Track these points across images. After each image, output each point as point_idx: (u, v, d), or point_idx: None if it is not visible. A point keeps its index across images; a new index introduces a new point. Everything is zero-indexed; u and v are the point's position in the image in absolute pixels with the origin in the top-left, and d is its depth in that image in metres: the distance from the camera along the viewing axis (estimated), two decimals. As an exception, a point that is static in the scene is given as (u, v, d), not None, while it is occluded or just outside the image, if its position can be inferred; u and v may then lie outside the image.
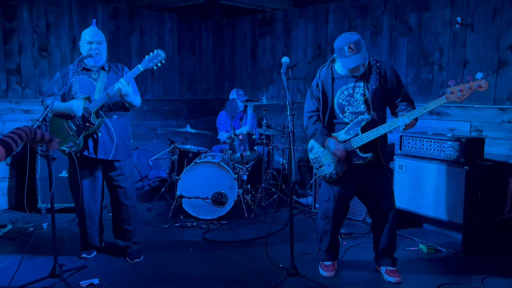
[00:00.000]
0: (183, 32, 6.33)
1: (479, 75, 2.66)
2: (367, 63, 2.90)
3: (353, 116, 2.94)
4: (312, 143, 3.14)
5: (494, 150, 4.05)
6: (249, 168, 4.85)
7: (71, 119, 3.16)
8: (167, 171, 5.20)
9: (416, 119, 2.78)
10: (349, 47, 2.77)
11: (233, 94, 5.60)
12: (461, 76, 4.18)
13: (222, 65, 6.82)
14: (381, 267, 3.17)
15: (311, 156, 3.16)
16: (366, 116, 2.89)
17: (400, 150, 4.02)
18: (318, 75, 3.08)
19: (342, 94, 2.97)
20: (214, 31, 6.69)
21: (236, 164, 4.80)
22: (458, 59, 4.25)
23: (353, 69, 2.86)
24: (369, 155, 2.89)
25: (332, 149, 2.92)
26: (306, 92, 5.60)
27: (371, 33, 4.91)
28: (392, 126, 2.82)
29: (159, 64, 3.18)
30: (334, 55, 2.96)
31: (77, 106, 3.11)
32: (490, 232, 3.70)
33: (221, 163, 4.41)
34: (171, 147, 4.82)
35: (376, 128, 2.86)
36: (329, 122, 3.03)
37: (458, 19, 4.21)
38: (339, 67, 2.98)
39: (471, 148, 3.59)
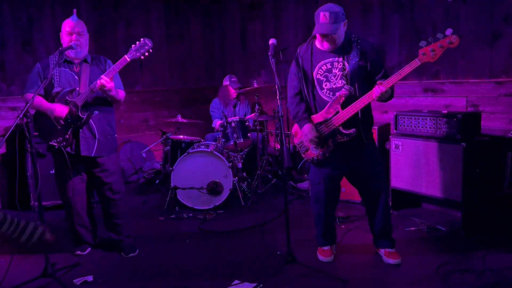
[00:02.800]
0: (170, 20, 6.18)
1: (448, 31, 2.62)
2: (343, 41, 2.85)
3: (331, 92, 2.89)
4: (296, 128, 3.11)
5: (491, 124, 3.98)
6: (243, 156, 4.78)
7: None
8: (161, 163, 5.12)
9: (392, 89, 2.72)
10: (324, 14, 2.76)
11: (226, 81, 5.50)
12: (454, 51, 4.07)
13: (212, 52, 6.70)
14: (380, 249, 3.13)
15: (296, 141, 3.12)
16: (344, 92, 2.83)
17: (396, 129, 3.94)
18: (298, 51, 3.03)
19: (320, 69, 2.92)
20: (203, 17, 6.55)
21: (230, 152, 4.73)
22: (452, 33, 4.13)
23: (322, 36, 2.83)
24: (352, 131, 2.85)
25: (305, 133, 2.93)
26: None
27: (361, 11, 4.78)
28: (369, 98, 2.75)
29: (146, 54, 3.07)
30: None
31: (59, 111, 3.01)
32: (490, 209, 3.65)
33: (215, 152, 4.33)
34: (163, 138, 4.74)
35: (354, 102, 2.79)
36: (309, 100, 2.98)
37: (450, -8, 4.10)
38: (319, 42, 2.92)
39: (467, 124, 3.52)
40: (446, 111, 3.79)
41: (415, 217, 3.82)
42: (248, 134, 4.74)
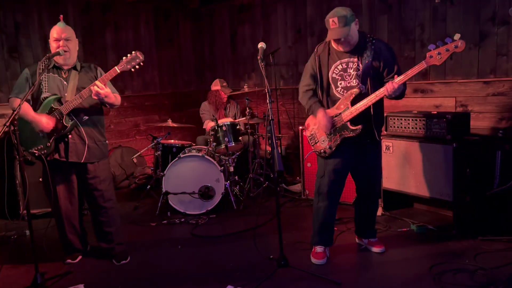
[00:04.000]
0: (160, 24, 6.16)
1: (456, 35, 2.71)
2: (357, 41, 2.94)
3: (345, 91, 3.00)
4: (308, 120, 3.24)
5: (480, 124, 4.01)
6: (235, 159, 4.76)
7: None
8: (152, 168, 5.08)
9: (404, 85, 2.85)
10: (332, 20, 2.84)
11: (216, 85, 5.47)
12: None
13: (202, 56, 6.68)
14: (363, 239, 3.31)
15: (307, 134, 3.25)
16: (355, 89, 2.94)
17: (386, 130, 3.96)
18: (315, 50, 3.12)
19: (336, 69, 3.02)
20: (192, 21, 6.53)
21: (221, 156, 4.71)
22: (439, 34, 4.17)
23: (335, 43, 2.95)
24: (358, 127, 2.94)
25: (318, 118, 3.02)
26: (289, 78, 5.56)
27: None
28: (378, 95, 2.86)
29: (137, 67, 3.04)
30: None
31: (46, 124, 2.96)
32: (481, 208, 3.67)
33: (206, 156, 4.31)
34: (153, 143, 4.71)
35: (364, 99, 2.90)
36: (323, 97, 3.09)
37: (437, -7, 4.13)
38: (335, 44, 3.01)
39: (457, 124, 3.54)
40: (435, 112, 3.81)
41: (406, 218, 3.84)
42: (240, 138, 4.73)
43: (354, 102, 2.93)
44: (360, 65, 2.94)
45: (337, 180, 3.10)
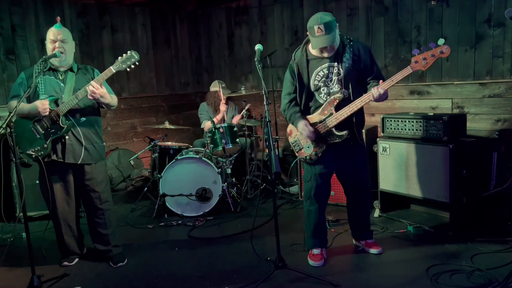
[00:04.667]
0: (156, 26, 6.16)
1: (440, 41, 2.70)
2: (338, 45, 2.92)
3: (328, 96, 2.98)
4: (290, 127, 3.21)
5: (476, 125, 4.03)
6: (232, 161, 4.76)
7: (38, 122, 3.03)
8: (149, 170, 5.07)
9: (385, 92, 2.80)
10: (318, 27, 2.78)
11: (215, 86, 5.47)
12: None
13: (199, 58, 6.68)
14: (360, 241, 3.31)
15: (290, 140, 3.22)
16: (338, 94, 2.92)
17: (383, 132, 3.97)
18: (293, 57, 3.08)
19: (317, 76, 2.99)
20: (189, 23, 6.53)
21: (219, 158, 4.71)
22: (436, 36, 4.18)
23: (320, 50, 2.90)
24: (344, 132, 2.95)
25: (300, 129, 2.99)
26: (286, 80, 5.55)
27: (347, 15, 4.82)
28: (363, 101, 2.85)
29: (132, 66, 3.03)
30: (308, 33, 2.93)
31: (41, 104, 2.96)
32: (477, 209, 3.69)
33: (203, 158, 4.31)
34: (151, 145, 4.70)
35: (349, 105, 2.89)
36: (305, 104, 3.06)
37: (433, -5, 4.15)
38: (319, 51, 2.97)
39: (453, 125, 3.55)
40: (432, 113, 3.82)
41: (403, 219, 3.84)
42: (237, 140, 4.73)
43: (337, 107, 2.92)
44: (341, 69, 2.91)
45: (323, 184, 3.13)
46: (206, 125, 5.11)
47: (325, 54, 2.92)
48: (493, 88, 3.94)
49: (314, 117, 3.02)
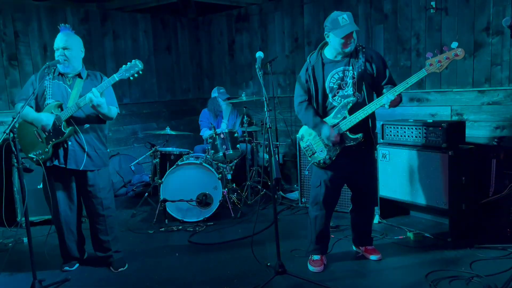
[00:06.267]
0: (158, 33, 6.20)
1: (454, 44, 2.75)
2: (352, 49, 2.97)
3: (342, 99, 3.02)
4: (302, 131, 3.22)
5: (475, 133, 4.06)
6: (233, 167, 4.78)
7: None
8: (150, 175, 5.09)
9: (400, 96, 2.87)
10: (342, 18, 2.85)
11: (214, 93, 5.51)
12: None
13: (200, 64, 6.72)
14: (360, 247, 3.33)
15: (302, 145, 3.23)
16: (352, 98, 2.96)
17: (383, 139, 3.99)
18: (308, 60, 3.13)
19: (332, 78, 3.03)
20: (190, 30, 6.58)
21: (219, 164, 4.73)
22: (435, 43, 4.23)
23: (347, 37, 2.87)
24: (359, 135, 2.97)
25: (326, 134, 2.98)
26: (286, 87, 5.60)
27: (347, 23, 4.86)
28: (378, 104, 2.89)
29: (136, 75, 3.06)
30: (325, 33, 2.97)
31: (46, 120, 3.01)
32: (476, 216, 3.70)
33: (204, 164, 4.33)
34: (151, 151, 4.72)
35: (363, 108, 2.92)
36: (319, 106, 3.09)
37: (433, 3, 4.19)
38: (329, 52, 3.05)
39: (452, 132, 3.57)
40: (431, 120, 3.85)
41: (403, 225, 3.86)
42: (237, 145, 4.75)
43: (351, 110, 2.96)
44: (355, 73, 2.97)
45: (334, 189, 3.12)
46: (206, 133, 5.16)
47: (347, 46, 2.92)
48: (492, 96, 3.97)
49: (328, 120, 3.05)
